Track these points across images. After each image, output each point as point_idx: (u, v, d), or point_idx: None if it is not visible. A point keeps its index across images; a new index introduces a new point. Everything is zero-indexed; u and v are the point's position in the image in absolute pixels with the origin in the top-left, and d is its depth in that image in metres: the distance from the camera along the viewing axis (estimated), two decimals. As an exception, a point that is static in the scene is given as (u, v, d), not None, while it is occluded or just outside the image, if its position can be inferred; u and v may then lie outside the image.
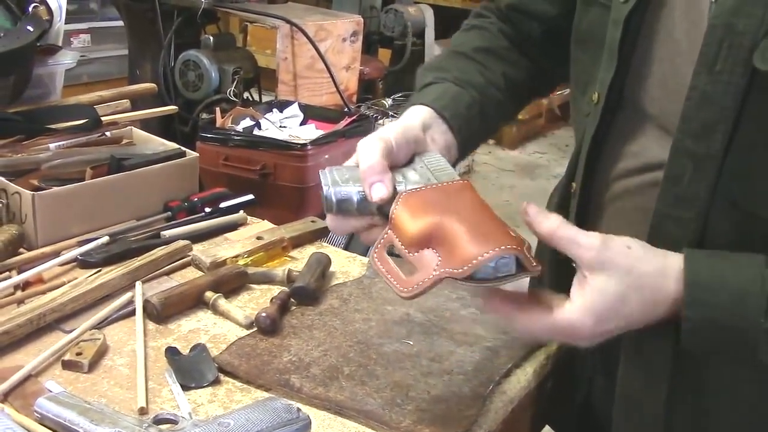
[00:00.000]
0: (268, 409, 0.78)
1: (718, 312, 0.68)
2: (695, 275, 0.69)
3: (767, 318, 0.66)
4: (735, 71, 0.68)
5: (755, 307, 0.67)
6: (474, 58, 0.98)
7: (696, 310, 0.68)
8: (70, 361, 0.89)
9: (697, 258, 0.71)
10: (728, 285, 0.68)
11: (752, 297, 0.67)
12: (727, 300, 0.68)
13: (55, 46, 1.40)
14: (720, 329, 0.68)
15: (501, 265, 0.67)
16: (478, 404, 0.88)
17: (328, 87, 3.02)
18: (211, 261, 1.12)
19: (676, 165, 0.74)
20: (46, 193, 1.12)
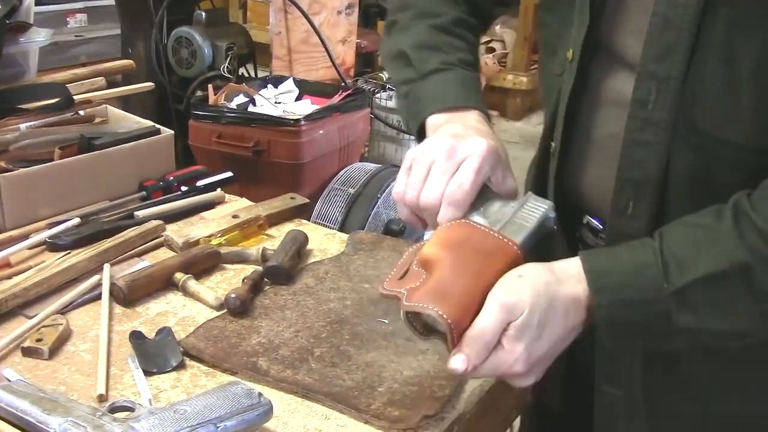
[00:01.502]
0: (227, 395, 0.75)
1: (624, 291, 0.69)
2: (593, 264, 0.71)
3: (668, 282, 0.68)
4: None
5: (654, 276, 0.69)
6: (454, 32, 0.95)
7: (604, 295, 0.70)
8: (29, 348, 0.86)
9: (591, 252, 0.74)
10: (625, 264, 0.71)
11: (649, 268, 0.69)
12: (628, 278, 0.70)
13: (26, 23, 1.36)
14: (630, 307, 0.69)
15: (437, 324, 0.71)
16: (452, 384, 0.84)
17: (324, 61, 2.96)
18: (184, 241, 1.09)
19: (642, 89, 0.75)
20: (12, 174, 1.09)
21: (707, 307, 0.69)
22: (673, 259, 0.69)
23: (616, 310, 0.70)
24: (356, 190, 2.38)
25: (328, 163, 2.50)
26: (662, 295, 0.68)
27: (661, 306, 0.68)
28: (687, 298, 0.68)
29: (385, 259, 1.11)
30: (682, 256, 0.69)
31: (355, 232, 1.22)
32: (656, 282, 0.68)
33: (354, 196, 2.37)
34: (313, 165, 2.41)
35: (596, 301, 0.70)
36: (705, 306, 0.69)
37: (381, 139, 3.05)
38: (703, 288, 0.68)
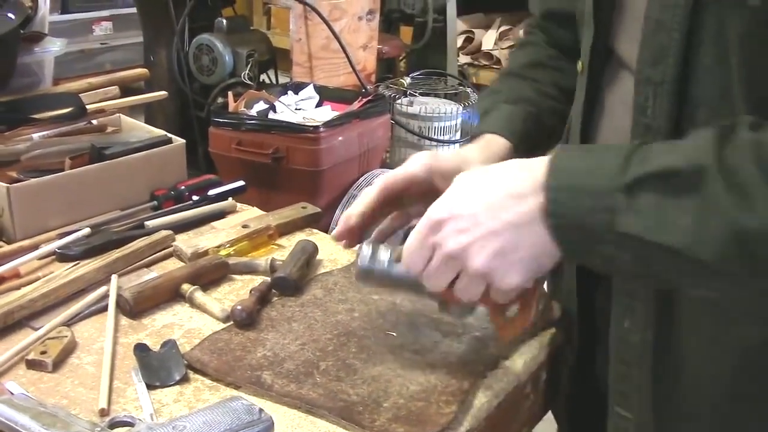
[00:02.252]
0: (227, 410, 0.74)
1: (577, 176, 0.65)
2: (561, 154, 0.68)
3: (624, 174, 0.63)
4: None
5: (612, 166, 0.64)
6: (523, 75, 1.02)
7: (557, 176, 0.66)
8: (33, 360, 0.85)
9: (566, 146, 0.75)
10: (590, 155, 0.68)
11: (611, 158, 0.65)
12: (587, 164, 0.66)
13: (41, 33, 1.37)
14: (577, 194, 0.64)
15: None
16: (459, 400, 0.82)
17: (344, 67, 2.96)
18: (192, 251, 1.08)
19: (641, 94, 0.74)
20: (22, 185, 1.09)
21: (652, 209, 0.62)
22: (641, 155, 0.64)
23: (564, 198, 0.64)
24: (376, 196, 2.36)
25: (348, 169, 2.49)
26: (613, 186, 0.63)
27: (607, 201, 0.62)
28: (635, 196, 0.62)
29: (396, 270, 1.09)
30: (652, 152, 0.64)
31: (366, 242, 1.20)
32: (612, 172, 0.63)
33: (374, 203, 2.35)
34: (333, 172, 2.40)
35: (547, 181, 0.66)
36: (650, 208, 0.62)
37: (402, 145, 3.03)
38: (654, 186, 0.62)
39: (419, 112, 2.97)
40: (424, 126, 2.99)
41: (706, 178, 0.60)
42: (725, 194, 0.59)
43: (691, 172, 0.61)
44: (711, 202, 0.60)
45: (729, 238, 0.59)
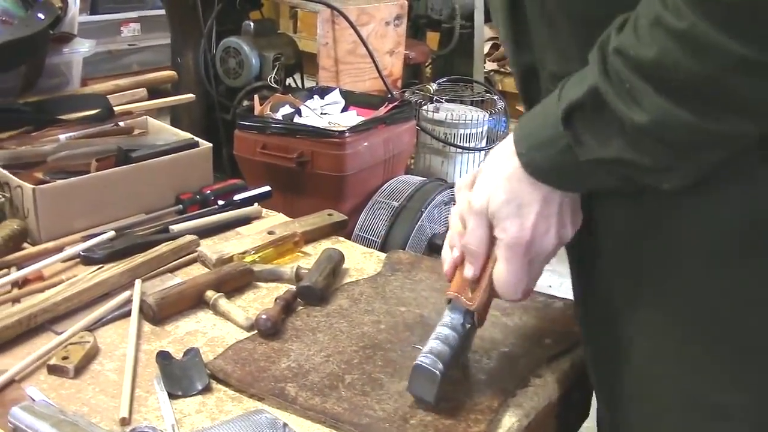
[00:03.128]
0: (251, 424, 0.72)
1: (533, 136, 0.70)
2: (520, 120, 0.74)
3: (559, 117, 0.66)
4: None
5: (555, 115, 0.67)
6: None
7: (521, 144, 0.71)
8: (55, 366, 0.84)
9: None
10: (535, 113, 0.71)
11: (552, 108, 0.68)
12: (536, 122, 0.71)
13: (70, 34, 1.37)
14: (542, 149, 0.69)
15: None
16: (488, 418, 0.80)
17: (371, 72, 2.94)
18: (217, 257, 1.07)
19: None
20: (48, 186, 1.08)
21: (588, 134, 0.66)
22: (561, 93, 0.67)
23: (533, 155, 0.70)
24: (400, 203, 2.34)
25: (373, 175, 2.47)
26: (558, 131, 0.67)
27: (563, 141, 0.67)
28: (573, 129, 0.66)
29: (423, 281, 1.07)
30: (564, 91, 0.67)
31: (393, 251, 1.18)
32: (552, 120, 0.67)
33: (398, 210, 2.33)
34: (358, 177, 2.38)
35: (517, 150, 0.72)
36: (586, 133, 0.66)
37: (427, 151, 3.00)
38: (580, 116, 0.66)
39: (445, 118, 2.95)
40: (450, 133, 2.96)
41: (602, 96, 0.63)
42: (620, 102, 0.62)
43: (592, 98, 0.64)
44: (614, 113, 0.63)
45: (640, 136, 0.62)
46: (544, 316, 0.98)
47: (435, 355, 0.78)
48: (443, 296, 0.98)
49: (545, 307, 1.00)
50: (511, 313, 0.98)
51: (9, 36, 1.21)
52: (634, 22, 0.60)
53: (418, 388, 0.79)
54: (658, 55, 0.58)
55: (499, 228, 0.74)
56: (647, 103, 0.60)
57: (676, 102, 0.59)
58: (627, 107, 0.61)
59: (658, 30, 0.58)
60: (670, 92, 0.59)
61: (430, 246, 2.33)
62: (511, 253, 0.74)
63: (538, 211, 0.72)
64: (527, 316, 0.98)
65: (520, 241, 0.73)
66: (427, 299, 1.02)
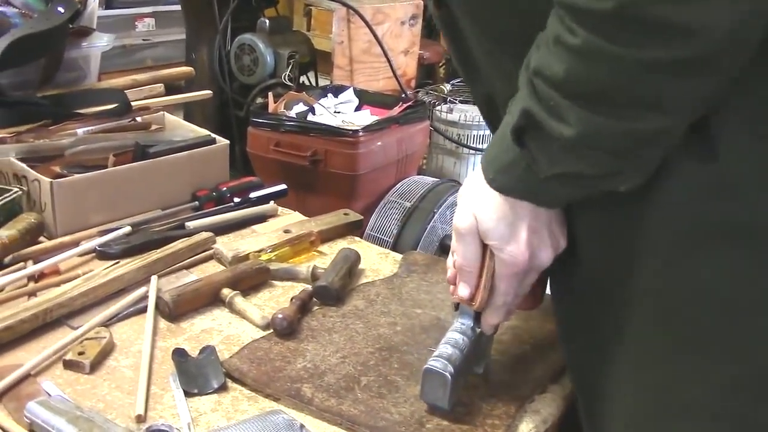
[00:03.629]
0: (268, 425, 0.71)
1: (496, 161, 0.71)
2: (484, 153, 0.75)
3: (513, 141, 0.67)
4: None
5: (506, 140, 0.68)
6: None
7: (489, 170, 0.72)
8: (71, 361, 0.84)
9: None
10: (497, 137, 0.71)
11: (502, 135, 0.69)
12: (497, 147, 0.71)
13: (89, 28, 1.36)
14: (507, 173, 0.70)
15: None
16: (506, 424, 0.79)
17: (385, 72, 2.93)
18: (233, 255, 1.06)
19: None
20: (65, 180, 1.08)
21: (538, 153, 0.67)
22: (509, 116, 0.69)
23: (501, 180, 0.71)
24: (413, 203, 2.34)
25: (385, 175, 2.46)
26: (514, 154, 0.68)
27: (522, 162, 0.68)
28: (527, 149, 0.67)
29: (440, 283, 1.06)
30: (511, 111, 0.68)
31: (409, 252, 1.17)
32: (510, 143, 0.68)
33: (410, 210, 2.33)
34: (370, 177, 2.37)
35: (485, 176, 0.73)
36: (537, 152, 0.67)
37: (440, 152, 3.00)
38: (527, 137, 0.67)
39: (459, 119, 2.94)
40: (463, 134, 2.95)
41: (535, 117, 0.65)
42: (549, 119, 0.64)
43: (527, 119, 0.65)
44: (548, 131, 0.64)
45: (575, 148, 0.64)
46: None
47: (445, 358, 0.77)
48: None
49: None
50: (528, 318, 0.97)
51: (29, 29, 1.21)
52: (546, 41, 0.63)
53: (431, 394, 0.78)
54: (566, 72, 0.61)
55: (495, 246, 0.74)
56: (570, 117, 0.62)
57: (593, 111, 0.61)
58: (556, 123, 0.63)
59: (560, 48, 0.61)
60: (587, 103, 0.61)
61: (441, 247, 2.32)
62: (509, 271, 0.74)
63: (529, 225, 0.73)
64: (544, 321, 0.97)
65: (518, 259, 0.73)
66: (443, 301, 1.01)
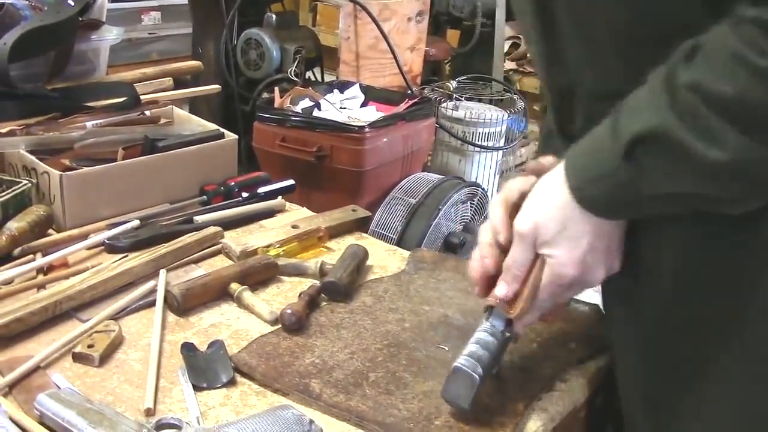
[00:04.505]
0: (277, 420, 0.72)
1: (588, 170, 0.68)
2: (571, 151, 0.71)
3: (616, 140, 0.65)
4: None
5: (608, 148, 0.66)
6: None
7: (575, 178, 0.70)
8: (80, 354, 0.84)
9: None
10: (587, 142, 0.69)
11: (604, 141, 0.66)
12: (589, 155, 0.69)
13: (98, 21, 1.36)
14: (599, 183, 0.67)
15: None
16: (514, 422, 0.79)
17: (391, 68, 2.93)
18: (241, 250, 1.06)
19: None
20: (75, 173, 1.08)
21: (655, 169, 0.64)
22: (617, 125, 0.65)
23: (588, 190, 0.68)
24: (417, 200, 2.34)
25: (391, 171, 2.46)
26: (615, 165, 0.65)
27: (623, 175, 0.65)
28: (636, 163, 0.64)
29: (447, 280, 1.06)
30: (629, 105, 0.65)
31: (417, 249, 1.17)
32: (613, 154, 0.65)
33: (415, 207, 2.33)
34: (376, 173, 2.37)
35: (569, 183, 0.70)
36: (654, 169, 0.64)
37: (445, 149, 2.99)
38: (645, 151, 0.63)
39: (464, 116, 2.93)
40: (469, 131, 2.95)
41: (673, 133, 0.61)
42: (694, 139, 0.60)
43: (660, 134, 0.62)
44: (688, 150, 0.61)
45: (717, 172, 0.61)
46: (569, 320, 0.97)
47: (475, 359, 0.76)
48: (468, 297, 0.98)
49: (570, 311, 1.00)
50: (536, 316, 0.97)
51: (39, 21, 1.21)
52: (708, 55, 0.59)
53: (453, 392, 0.77)
54: (740, 93, 0.57)
55: (548, 257, 0.73)
56: (727, 141, 0.58)
57: (758, 139, 0.58)
58: (703, 145, 0.59)
59: (739, 67, 0.56)
60: (753, 130, 0.58)
61: (446, 244, 2.32)
62: (556, 283, 0.74)
63: (590, 243, 0.71)
64: (552, 320, 0.97)
65: (568, 275, 0.73)
66: (451, 299, 1.01)
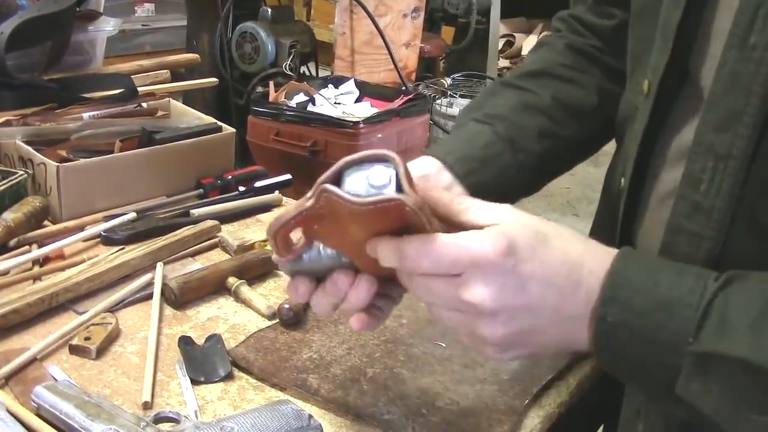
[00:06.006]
0: (276, 414, 0.71)
1: (639, 316, 0.55)
2: (624, 265, 0.57)
3: (697, 338, 0.53)
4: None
5: (684, 320, 0.53)
6: (518, 85, 0.87)
7: (614, 309, 0.56)
8: (77, 346, 0.84)
9: (634, 252, 0.59)
10: (659, 287, 0.55)
11: (684, 308, 0.54)
12: (652, 303, 0.55)
13: (96, 12, 1.36)
14: (636, 340, 0.55)
15: (374, 173, 0.55)
16: (512, 420, 0.79)
17: (386, 64, 2.94)
18: (239, 244, 1.06)
19: (695, 162, 0.60)
20: (71, 165, 1.08)
21: (723, 392, 0.53)
22: (719, 318, 0.53)
23: (619, 334, 0.56)
24: (411, 196, 2.34)
25: (385, 167, 2.46)
26: (681, 348, 0.53)
27: (670, 356, 0.54)
28: (706, 368, 0.53)
29: (444, 277, 1.06)
30: (732, 321, 0.53)
31: (414, 245, 1.17)
32: (682, 329, 0.53)
33: (408, 203, 2.33)
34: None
35: (601, 310, 0.56)
36: (721, 389, 0.53)
37: (438, 146, 3.00)
38: (730, 370, 0.52)
39: (458, 113, 2.94)
40: (462, 128, 2.96)
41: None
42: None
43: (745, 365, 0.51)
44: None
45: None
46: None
47: None
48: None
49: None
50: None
51: (36, 11, 1.20)
52: None
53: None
54: None
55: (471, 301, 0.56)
56: None
57: None
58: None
59: None
60: None
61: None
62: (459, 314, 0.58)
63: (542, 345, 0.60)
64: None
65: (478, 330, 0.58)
66: (448, 296, 1.01)
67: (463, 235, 0.56)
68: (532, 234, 0.57)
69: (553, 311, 0.57)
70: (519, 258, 0.55)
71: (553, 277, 0.56)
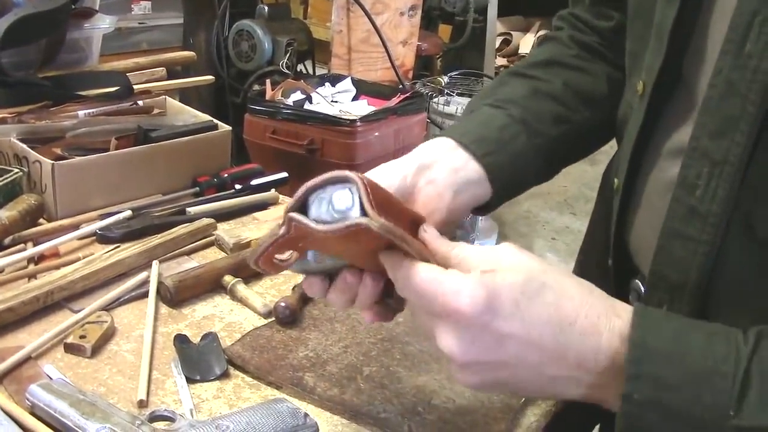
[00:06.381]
0: (271, 413, 0.71)
1: (672, 393, 0.50)
2: (645, 336, 0.52)
3: (738, 411, 0.49)
4: (765, 56, 0.54)
5: (722, 392, 0.49)
6: (527, 74, 0.86)
7: (640, 386, 0.51)
8: (72, 345, 0.83)
9: (650, 316, 0.53)
10: (689, 356, 0.50)
11: (720, 379, 0.49)
12: (686, 376, 0.50)
13: (92, 9, 1.35)
14: (670, 419, 0.50)
15: (336, 197, 0.54)
16: (508, 418, 0.79)
17: (383, 62, 2.93)
18: (235, 242, 1.06)
19: (691, 169, 0.60)
20: (67, 163, 1.07)
21: None
22: (759, 387, 0.49)
23: (649, 412, 0.51)
24: (408, 195, 2.34)
25: (382, 165, 2.46)
26: (721, 423, 0.49)
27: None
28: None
29: (441, 275, 1.06)
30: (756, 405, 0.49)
31: (410, 244, 1.17)
32: (722, 404, 0.49)
33: (405, 201, 2.33)
34: (367, 167, 2.32)
35: (627, 387, 0.51)
36: None
37: (435, 144, 3.00)
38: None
39: (456, 112, 2.94)
40: (459, 127, 2.96)
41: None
42: None
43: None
44: None
45: None
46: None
47: None
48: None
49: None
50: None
51: (32, 8, 1.19)
52: None
53: None
54: None
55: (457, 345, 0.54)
56: None
57: None
58: None
59: None
60: None
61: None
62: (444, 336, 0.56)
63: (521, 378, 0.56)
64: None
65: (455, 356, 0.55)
66: (444, 294, 1.01)
67: (445, 276, 0.54)
68: (523, 285, 0.53)
69: (533, 370, 0.54)
70: (497, 314, 0.52)
71: (536, 337, 0.53)
